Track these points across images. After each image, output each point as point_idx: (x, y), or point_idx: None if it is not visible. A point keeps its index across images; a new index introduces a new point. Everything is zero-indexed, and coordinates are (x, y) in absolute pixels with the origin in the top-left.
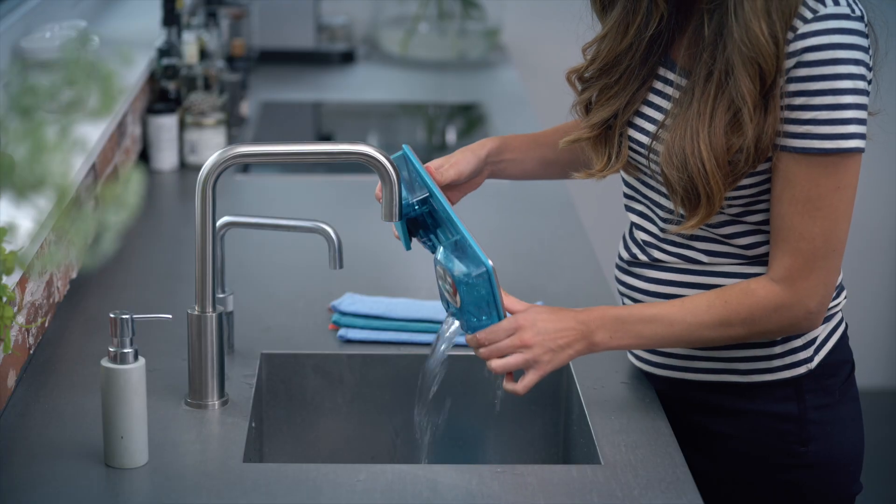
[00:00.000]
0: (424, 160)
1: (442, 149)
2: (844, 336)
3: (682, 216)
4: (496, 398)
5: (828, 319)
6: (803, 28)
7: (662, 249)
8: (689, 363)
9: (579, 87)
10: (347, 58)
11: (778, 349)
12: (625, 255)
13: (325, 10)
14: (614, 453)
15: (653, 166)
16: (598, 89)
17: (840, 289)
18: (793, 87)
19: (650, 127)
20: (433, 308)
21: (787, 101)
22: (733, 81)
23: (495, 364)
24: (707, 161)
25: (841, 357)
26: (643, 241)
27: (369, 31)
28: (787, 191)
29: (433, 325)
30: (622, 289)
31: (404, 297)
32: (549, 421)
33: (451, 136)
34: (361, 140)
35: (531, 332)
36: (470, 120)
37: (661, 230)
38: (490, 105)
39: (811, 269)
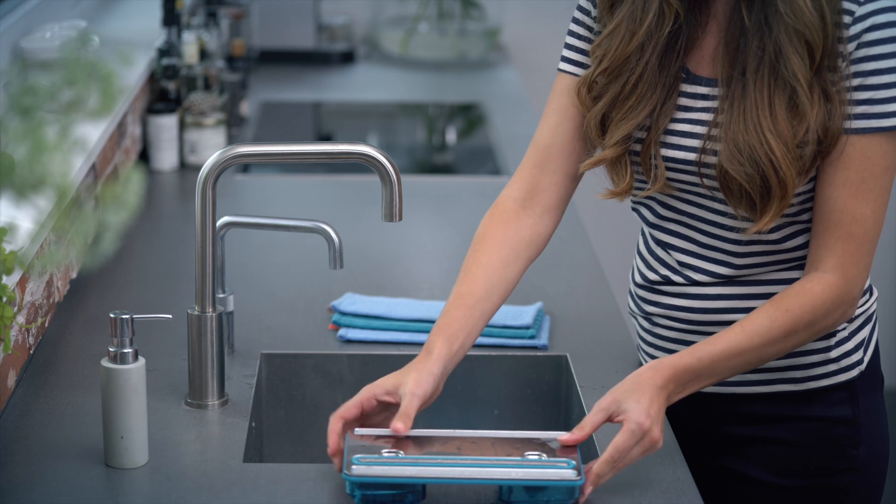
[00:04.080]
0: (423, 162)
1: (443, 149)
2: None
3: (745, 219)
4: None
5: (869, 319)
6: (860, 11)
7: (700, 269)
8: (740, 377)
9: (589, 102)
10: (347, 58)
11: (834, 353)
12: (651, 276)
13: (325, 10)
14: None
15: (706, 181)
16: (611, 100)
17: (870, 286)
18: (853, 68)
19: (692, 142)
20: (433, 308)
21: (846, 82)
22: (784, 62)
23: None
24: (777, 148)
25: (875, 357)
26: (679, 261)
27: (369, 31)
28: (841, 174)
29: (433, 325)
30: (650, 308)
31: (404, 297)
32: (549, 421)
33: (451, 135)
34: (361, 140)
35: (658, 428)
36: (470, 120)
37: (702, 245)
38: (490, 105)
39: (861, 253)
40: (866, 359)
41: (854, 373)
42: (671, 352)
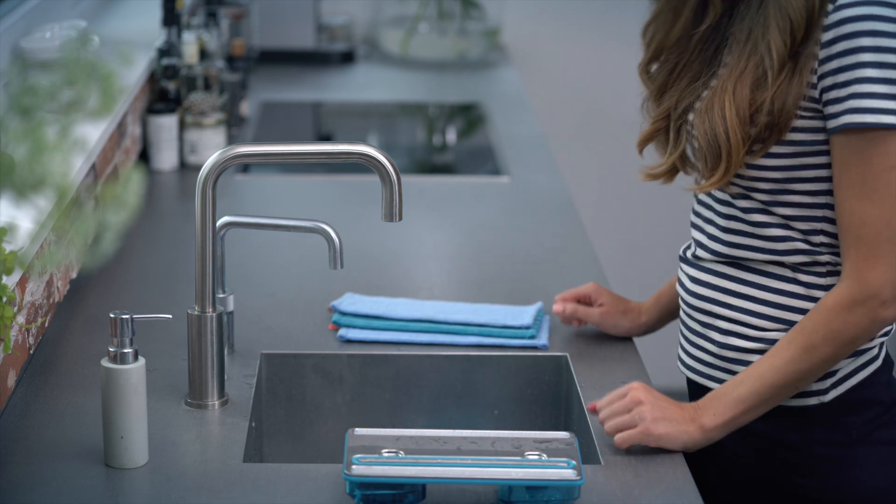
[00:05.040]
0: (423, 162)
1: (443, 149)
2: (881, 374)
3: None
4: None
5: (857, 354)
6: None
7: (702, 244)
8: (715, 372)
9: (648, 83)
10: (347, 58)
11: None
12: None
13: (325, 10)
14: (614, 453)
15: (692, 139)
16: (661, 84)
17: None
18: (835, 63)
19: None
20: (433, 308)
21: (830, 79)
22: (765, 37)
23: (617, 438)
24: (728, 110)
25: (870, 396)
26: (693, 237)
27: (369, 31)
28: (844, 176)
29: (433, 325)
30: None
31: (404, 297)
32: (549, 421)
33: (451, 136)
34: (361, 140)
35: (643, 392)
36: (470, 120)
37: (703, 218)
38: (490, 105)
39: (876, 255)
40: (834, 392)
41: (811, 401)
42: (682, 334)
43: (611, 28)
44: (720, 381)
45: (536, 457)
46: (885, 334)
